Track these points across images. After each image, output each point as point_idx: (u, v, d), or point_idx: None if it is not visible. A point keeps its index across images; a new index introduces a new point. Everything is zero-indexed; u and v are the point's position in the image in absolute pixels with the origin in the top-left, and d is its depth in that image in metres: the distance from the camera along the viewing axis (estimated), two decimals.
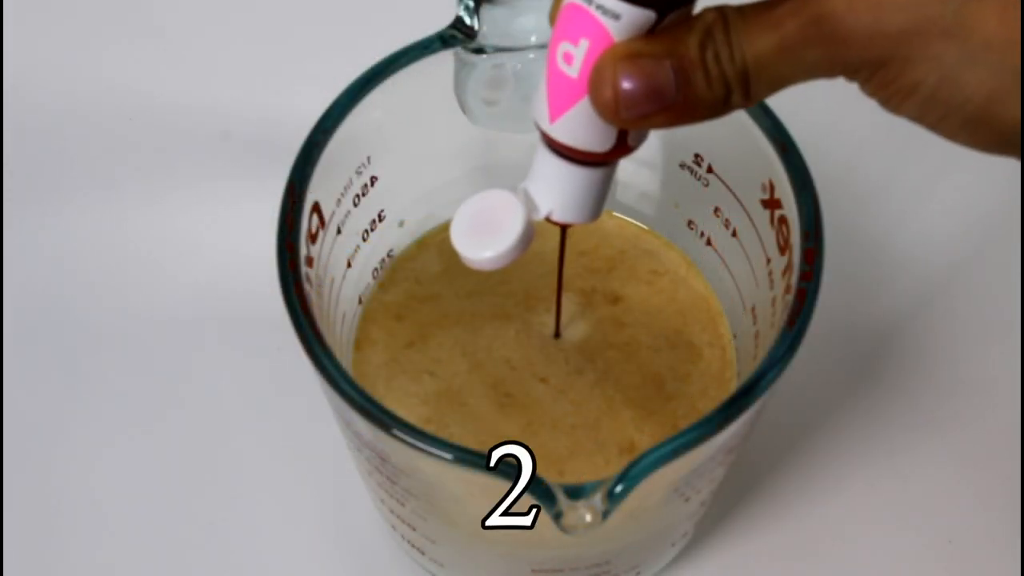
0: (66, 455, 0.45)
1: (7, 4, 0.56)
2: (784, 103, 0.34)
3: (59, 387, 0.46)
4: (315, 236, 0.35)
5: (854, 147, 0.51)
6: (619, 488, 0.28)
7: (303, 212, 0.33)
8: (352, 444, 0.35)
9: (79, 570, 0.43)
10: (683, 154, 0.39)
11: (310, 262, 0.34)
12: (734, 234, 0.38)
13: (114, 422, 0.46)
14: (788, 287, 0.33)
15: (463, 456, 0.29)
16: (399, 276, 0.42)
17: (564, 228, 0.35)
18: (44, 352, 0.47)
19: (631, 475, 0.29)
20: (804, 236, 0.33)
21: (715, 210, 0.39)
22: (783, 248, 0.34)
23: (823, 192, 0.33)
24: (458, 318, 0.41)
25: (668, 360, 0.40)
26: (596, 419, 0.39)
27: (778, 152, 0.34)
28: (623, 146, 0.29)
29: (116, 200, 0.51)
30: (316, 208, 0.35)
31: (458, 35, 0.35)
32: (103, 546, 0.43)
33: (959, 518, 0.44)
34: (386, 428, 0.30)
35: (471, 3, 0.34)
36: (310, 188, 0.34)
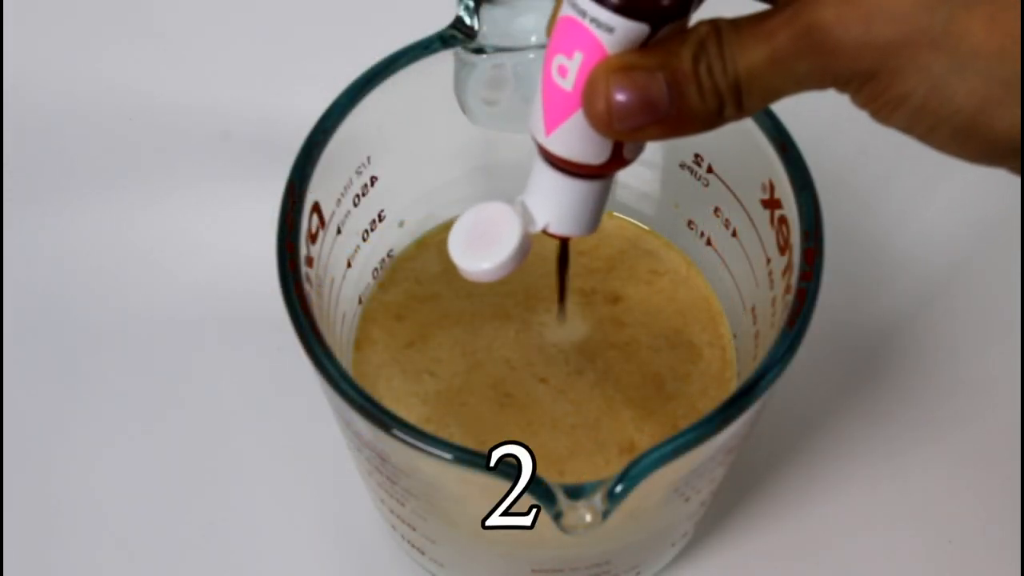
0: (66, 455, 0.45)
1: (7, 4, 0.56)
2: (784, 103, 0.34)
3: (59, 387, 0.46)
4: (315, 236, 0.35)
5: (854, 147, 0.51)
6: (619, 488, 0.28)
7: (303, 212, 0.33)
8: (352, 444, 0.35)
9: (79, 570, 0.43)
10: (683, 154, 0.39)
11: (310, 262, 0.34)
12: (734, 234, 0.38)
13: (114, 422, 0.46)
14: (788, 287, 0.33)
15: (463, 456, 0.29)
16: (399, 276, 0.42)
17: (564, 241, 0.35)
18: (44, 352, 0.47)
19: (631, 475, 0.29)
20: (804, 236, 0.33)
21: (715, 210, 0.39)
22: (783, 248, 0.34)
23: (823, 192, 0.33)
24: (458, 318, 0.41)
25: (668, 360, 0.40)
26: (596, 419, 0.39)
27: (778, 152, 0.34)
28: (619, 159, 0.29)
29: (116, 200, 0.51)
30: (316, 208, 0.35)
31: (458, 35, 0.35)
32: (103, 546, 0.43)
33: (959, 518, 0.44)
34: (386, 428, 0.30)
35: (471, 3, 0.34)
36: (310, 188, 0.34)
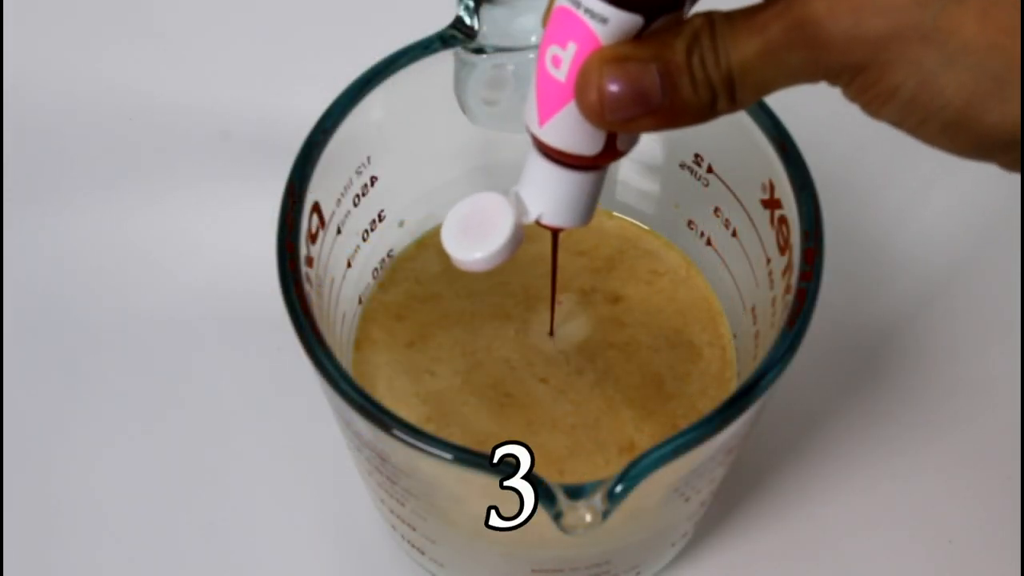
0: (66, 455, 0.45)
1: (7, 4, 0.56)
2: (784, 103, 0.34)
3: (59, 387, 0.46)
4: (315, 236, 0.35)
5: (854, 147, 0.51)
6: (619, 488, 0.28)
7: (303, 212, 0.33)
8: (352, 444, 0.35)
9: (79, 570, 0.43)
10: (683, 154, 0.39)
11: (310, 262, 0.34)
12: (734, 234, 0.38)
13: (114, 422, 0.46)
14: (788, 287, 0.33)
15: (463, 456, 0.29)
16: (399, 276, 0.42)
17: (555, 232, 0.34)
18: (44, 352, 0.47)
19: (631, 475, 0.29)
20: (804, 236, 0.33)
21: (715, 210, 0.39)
22: (783, 248, 0.34)
23: (823, 192, 0.33)
24: (458, 318, 0.41)
25: (668, 360, 0.40)
26: (596, 419, 0.39)
27: (778, 152, 0.34)
28: (612, 150, 0.29)
29: (116, 200, 0.51)
30: (316, 208, 0.35)
31: (458, 35, 0.35)
32: (103, 546, 0.43)
33: (959, 518, 0.44)
34: (386, 428, 0.30)
35: (471, 3, 0.34)
36: (310, 188, 0.34)
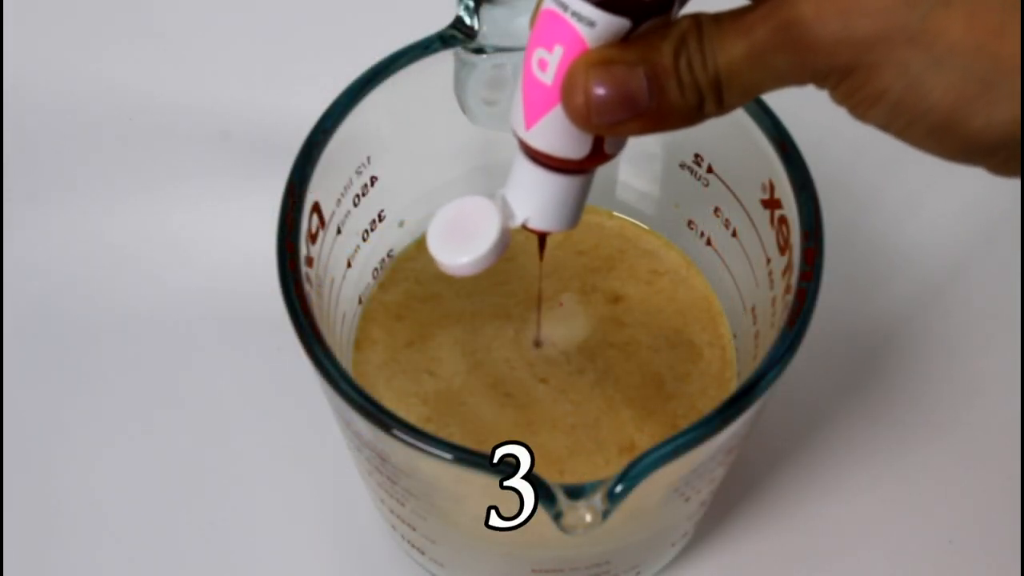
0: (66, 455, 0.45)
1: (7, 4, 0.56)
2: (784, 103, 0.34)
3: (59, 387, 0.46)
4: (315, 236, 0.35)
5: (854, 147, 0.51)
6: (619, 488, 0.28)
7: (303, 212, 0.33)
8: (352, 444, 0.35)
9: (79, 570, 0.43)
10: (683, 154, 0.39)
11: (310, 262, 0.34)
12: (734, 234, 0.38)
13: (114, 422, 0.46)
14: (788, 287, 0.33)
15: (463, 456, 0.29)
16: (399, 276, 0.42)
17: (542, 236, 0.34)
18: (44, 352, 0.47)
19: (631, 475, 0.29)
20: (804, 236, 0.33)
21: (715, 210, 0.39)
22: (783, 248, 0.34)
23: (823, 192, 0.33)
24: (458, 318, 0.41)
25: (668, 360, 0.40)
26: (596, 419, 0.39)
27: (778, 152, 0.34)
28: (599, 154, 0.28)
29: (116, 200, 0.51)
30: (316, 208, 0.35)
31: (458, 35, 0.35)
32: (103, 546, 0.43)
33: (959, 518, 0.44)
34: (386, 428, 0.30)
35: (471, 3, 0.34)
36: (310, 188, 0.34)
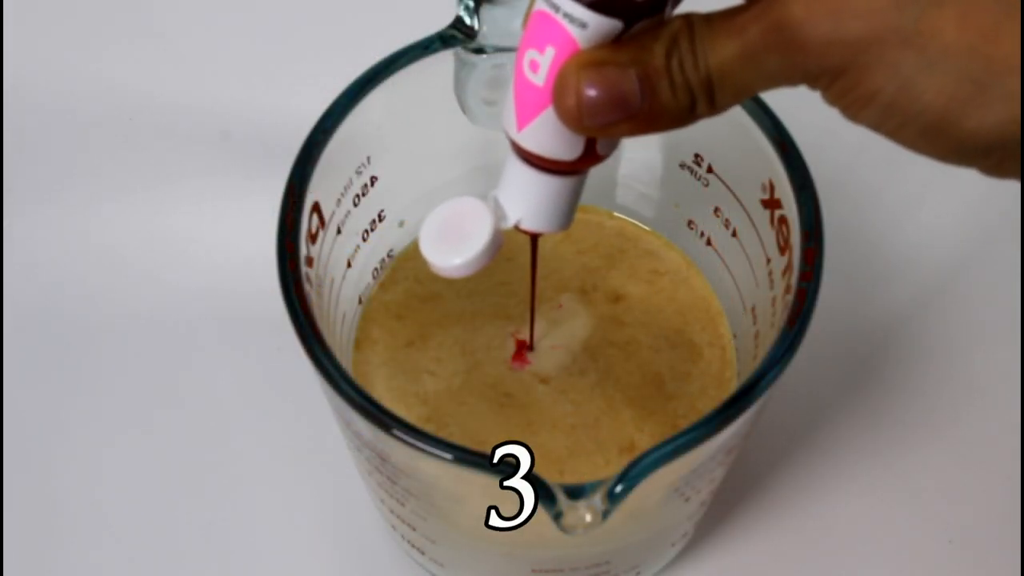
0: (66, 455, 0.45)
1: (7, 4, 0.56)
2: (784, 103, 0.34)
3: (59, 387, 0.46)
4: (315, 236, 0.35)
5: (854, 147, 0.51)
6: (619, 488, 0.28)
7: (303, 212, 0.33)
8: (352, 444, 0.35)
9: (79, 570, 0.43)
10: (683, 154, 0.39)
11: (310, 262, 0.34)
12: (734, 234, 0.38)
13: (114, 422, 0.46)
14: (788, 287, 0.33)
15: (463, 456, 0.29)
16: (399, 276, 0.42)
17: (534, 238, 0.34)
18: (44, 352, 0.47)
19: (631, 475, 0.29)
20: (804, 236, 0.33)
21: (715, 210, 0.39)
22: (783, 248, 0.34)
23: (823, 192, 0.33)
24: (458, 318, 0.41)
25: (668, 360, 0.40)
26: (596, 419, 0.39)
27: (778, 152, 0.34)
28: (592, 155, 0.28)
29: (116, 200, 0.51)
30: (316, 208, 0.35)
31: (458, 35, 0.35)
32: (103, 546, 0.43)
33: (959, 518, 0.44)
34: (386, 428, 0.30)
35: (471, 3, 0.34)
36: (310, 188, 0.34)
